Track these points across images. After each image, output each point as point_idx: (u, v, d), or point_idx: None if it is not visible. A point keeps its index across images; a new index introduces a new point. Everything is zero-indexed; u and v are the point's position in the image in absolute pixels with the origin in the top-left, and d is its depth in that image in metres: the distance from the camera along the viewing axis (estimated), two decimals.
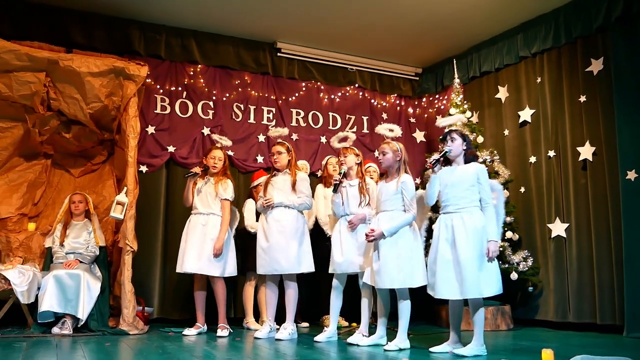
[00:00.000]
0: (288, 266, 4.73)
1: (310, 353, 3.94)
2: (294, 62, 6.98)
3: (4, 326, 4.97)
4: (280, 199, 4.81)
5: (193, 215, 5.09)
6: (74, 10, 5.93)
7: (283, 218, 4.79)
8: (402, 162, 4.30)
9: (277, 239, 4.74)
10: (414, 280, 4.12)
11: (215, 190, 5.06)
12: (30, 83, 5.21)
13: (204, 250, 4.93)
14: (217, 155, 5.15)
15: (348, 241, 4.61)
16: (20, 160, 5.79)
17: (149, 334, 4.98)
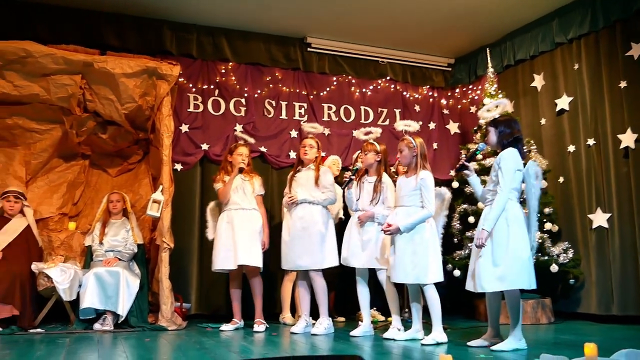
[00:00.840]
0: (311, 262, 4.76)
1: (346, 348, 3.93)
2: (325, 56, 6.95)
3: (48, 323, 5.10)
4: (303, 195, 4.85)
5: (234, 211, 5.11)
6: (108, 13, 6.04)
7: (306, 214, 4.82)
8: (420, 157, 4.26)
9: (299, 235, 4.79)
10: (427, 277, 4.10)
11: (252, 186, 5.15)
12: (66, 86, 5.33)
13: (253, 243, 5.01)
14: (244, 152, 5.26)
15: (355, 237, 4.64)
16: (60, 161, 5.93)
17: (187, 330, 5.04)
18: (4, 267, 4.84)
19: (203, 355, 3.59)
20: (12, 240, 5.14)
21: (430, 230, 4.19)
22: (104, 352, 3.75)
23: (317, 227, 4.80)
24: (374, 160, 4.71)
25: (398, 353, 3.69)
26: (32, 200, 5.62)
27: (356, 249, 4.62)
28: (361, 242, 4.60)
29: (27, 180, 5.74)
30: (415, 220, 4.13)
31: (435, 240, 4.23)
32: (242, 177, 5.20)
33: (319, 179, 4.86)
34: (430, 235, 4.18)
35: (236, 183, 5.18)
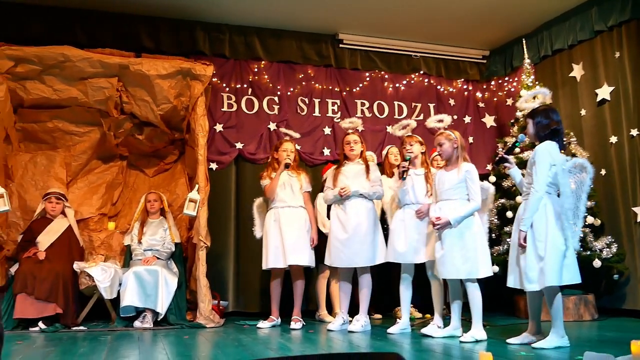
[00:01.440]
0: (367, 258, 4.70)
1: (384, 345, 3.90)
2: (357, 52, 6.92)
3: (90, 320, 5.22)
4: (356, 187, 4.77)
5: (281, 209, 5.09)
6: (142, 16, 6.13)
7: (361, 208, 4.75)
8: (461, 150, 4.20)
9: (356, 231, 4.69)
10: (479, 271, 4.04)
11: (300, 183, 5.13)
12: (103, 88, 5.44)
13: (302, 242, 5.00)
14: (289, 148, 5.22)
15: (413, 231, 4.53)
16: (98, 162, 6.05)
17: (224, 327, 5.09)
18: (47, 266, 4.97)
19: (241, 352, 3.61)
20: (54, 240, 5.27)
21: (478, 224, 4.13)
22: (145, 349, 3.80)
23: (371, 223, 4.75)
24: (419, 152, 4.66)
25: (437, 350, 3.64)
26: (73, 201, 5.75)
27: (417, 243, 4.49)
28: (422, 236, 4.49)
29: (68, 182, 5.88)
30: (465, 213, 4.06)
31: (483, 235, 4.16)
32: (289, 174, 5.17)
33: (370, 172, 4.81)
34: (479, 229, 4.11)
35: (283, 180, 5.15)
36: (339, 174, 4.88)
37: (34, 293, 4.79)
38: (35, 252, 5.13)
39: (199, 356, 3.51)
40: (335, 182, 4.85)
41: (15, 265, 5.16)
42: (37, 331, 4.74)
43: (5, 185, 5.24)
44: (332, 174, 4.95)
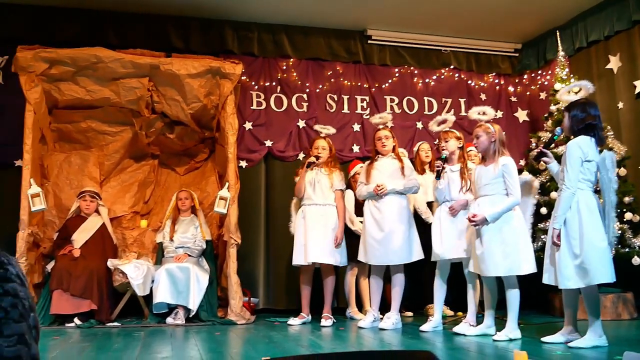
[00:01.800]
0: (403, 256, 4.66)
1: (416, 343, 3.87)
2: (385, 48, 6.88)
3: (124, 317, 5.30)
4: (392, 185, 4.72)
5: (308, 207, 5.08)
6: (172, 16, 6.20)
7: (396, 206, 4.70)
8: (499, 144, 4.10)
9: (392, 228, 4.66)
10: (521, 268, 3.93)
11: (330, 181, 5.07)
12: (135, 88, 5.52)
13: (326, 240, 4.96)
14: (320, 145, 5.17)
15: (448, 228, 4.47)
16: (131, 161, 6.14)
17: (255, 324, 5.12)
18: (82, 263, 5.06)
19: (272, 348, 3.62)
20: (89, 238, 5.36)
21: (519, 219, 4.02)
22: (177, 345, 3.85)
23: (406, 219, 4.72)
24: (456, 147, 4.59)
25: (470, 349, 3.60)
26: (106, 199, 5.85)
27: (453, 240, 4.43)
28: (457, 232, 4.43)
29: (101, 181, 5.98)
30: (502, 209, 3.95)
31: (524, 229, 4.05)
32: (322, 171, 5.13)
33: (405, 167, 4.77)
34: (519, 223, 4.01)
35: (311, 177, 5.11)
36: (371, 170, 4.83)
37: (70, 289, 4.89)
38: (71, 250, 5.23)
39: (230, 353, 3.53)
40: (369, 178, 4.81)
41: (52, 262, 5.27)
42: (73, 327, 4.84)
43: (41, 185, 5.35)
44: (365, 169, 4.91)
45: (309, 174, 5.11)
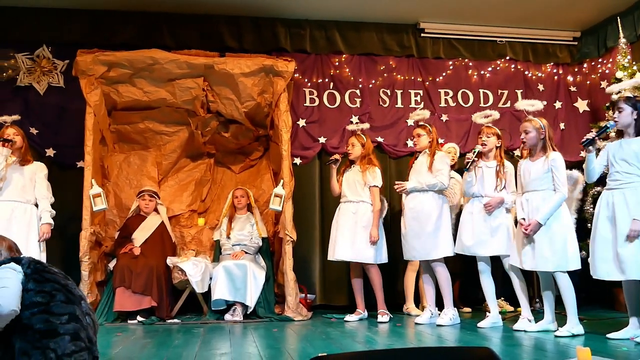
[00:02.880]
0: (424, 252, 4.71)
1: (474, 339, 3.80)
2: (439, 41, 6.76)
3: (183, 313, 5.41)
4: (412, 184, 4.78)
5: (343, 204, 5.13)
6: (225, 16, 6.29)
7: (417, 203, 4.76)
8: (547, 139, 4.05)
9: (411, 225, 4.75)
10: (569, 264, 3.88)
11: (364, 179, 5.06)
12: (190, 89, 5.62)
13: (356, 237, 4.96)
14: (350, 142, 5.19)
15: (480, 223, 4.44)
16: (187, 161, 6.26)
17: (312, 320, 5.13)
18: (142, 261, 5.19)
19: (329, 345, 3.62)
20: (148, 236, 5.50)
21: (567, 215, 3.97)
22: (236, 341, 3.89)
23: (427, 216, 4.71)
24: (494, 145, 4.55)
25: (530, 345, 3.50)
26: (165, 198, 5.98)
27: (484, 236, 4.43)
28: (490, 229, 4.42)
29: (159, 180, 6.12)
30: (552, 207, 3.92)
31: (572, 226, 4.00)
32: (356, 168, 5.13)
33: (433, 163, 4.75)
34: (567, 219, 3.96)
35: (349, 174, 5.14)
36: (411, 167, 4.94)
37: (131, 287, 5.02)
38: (131, 248, 5.37)
39: (287, 349, 3.55)
40: (408, 175, 4.92)
41: (113, 260, 5.43)
42: (135, 323, 4.97)
43: (102, 185, 5.53)
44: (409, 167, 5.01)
45: (348, 172, 5.15)
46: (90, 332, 2.37)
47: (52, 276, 2.33)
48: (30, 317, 2.17)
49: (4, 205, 4.62)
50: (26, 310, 2.18)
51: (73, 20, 6.07)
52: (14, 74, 5.97)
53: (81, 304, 2.37)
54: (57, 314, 2.22)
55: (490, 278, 4.51)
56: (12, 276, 2.23)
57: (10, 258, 2.33)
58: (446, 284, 4.71)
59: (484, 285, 4.52)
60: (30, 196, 4.78)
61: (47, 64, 6.07)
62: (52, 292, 2.27)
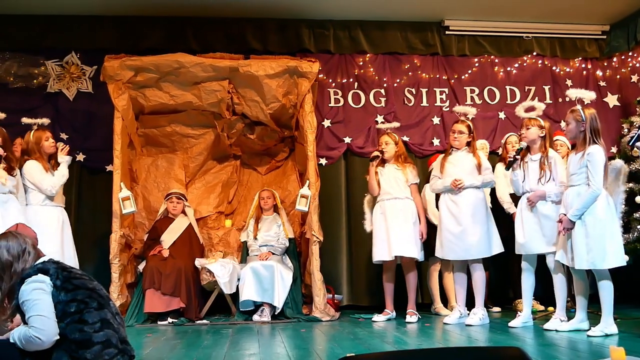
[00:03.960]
0: (482, 250, 4.60)
1: (504, 339, 3.75)
2: (464, 38, 6.71)
3: (212, 314, 5.46)
4: (469, 180, 4.65)
5: (387, 201, 5.03)
6: (249, 18, 6.33)
7: (473, 199, 4.64)
8: (589, 132, 3.86)
9: (469, 222, 4.60)
10: (605, 261, 3.72)
11: (405, 176, 5.03)
12: (215, 91, 5.67)
13: (408, 234, 4.92)
14: (383, 140, 5.15)
15: (529, 220, 4.30)
16: (214, 163, 6.32)
17: (340, 321, 5.13)
18: (171, 263, 5.25)
19: (357, 345, 3.61)
20: (177, 238, 5.55)
21: (605, 209, 3.80)
22: (264, 342, 3.91)
23: (483, 214, 4.64)
24: (537, 136, 4.37)
25: (562, 345, 3.44)
26: (192, 200, 6.04)
27: (535, 233, 4.27)
28: (540, 225, 4.26)
29: (187, 182, 6.19)
30: (582, 204, 3.77)
31: (612, 220, 3.82)
32: (396, 167, 5.09)
33: (480, 161, 4.68)
34: (605, 214, 3.79)
35: (386, 173, 5.09)
36: (445, 163, 4.78)
37: (161, 288, 5.08)
38: (160, 250, 5.43)
39: (316, 349, 3.55)
40: (443, 171, 4.76)
41: (143, 262, 5.50)
42: (165, 324, 5.03)
43: (131, 188, 5.60)
44: (440, 162, 4.86)
45: (384, 171, 5.09)
46: (123, 332, 2.42)
47: (80, 282, 2.36)
48: (65, 327, 2.23)
49: (56, 211, 4.75)
50: (61, 322, 2.23)
51: (101, 26, 6.18)
52: (44, 80, 6.11)
53: (110, 305, 2.42)
54: (90, 323, 2.26)
55: (532, 277, 4.38)
56: (45, 297, 2.25)
57: (37, 268, 2.34)
58: (482, 284, 4.64)
59: (523, 284, 4.39)
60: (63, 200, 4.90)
61: (76, 70, 6.19)
62: (84, 299, 2.31)
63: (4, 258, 2.36)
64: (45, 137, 4.80)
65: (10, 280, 2.33)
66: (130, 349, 2.43)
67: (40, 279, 2.28)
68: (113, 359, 2.28)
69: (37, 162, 4.69)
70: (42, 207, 4.67)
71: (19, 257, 2.38)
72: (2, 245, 2.39)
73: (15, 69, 6.06)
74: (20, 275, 2.33)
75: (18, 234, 2.48)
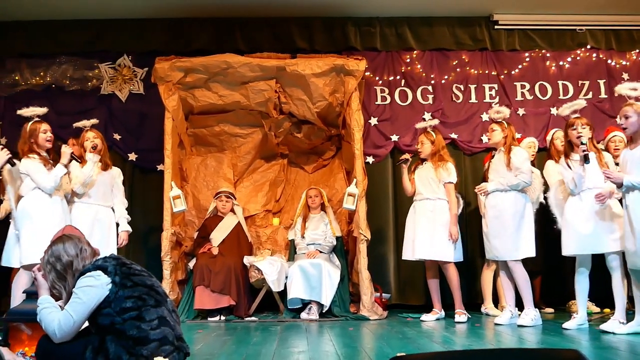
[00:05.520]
0: (505, 253, 4.56)
1: (559, 341, 3.65)
2: (514, 32, 6.55)
3: (261, 312, 5.51)
4: (494, 185, 4.65)
5: (418, 202, 5.04)
6: (295, 17, 6.37)
7: (498, 203, 4.62)
8: None
9: (493, 224, 4.63)
10: None
11: (437, 176, 4.96)
12: (263, 91, 5.72)
13: (435, 236, 4.87)
14: (419, 140, 5.11)
15: (591, 218, 4.14)
16: (262, 162, 6.38)
17: (388, 320, 5.10)
18: (220, 261, 5.33)
19: (406, 345, 3.58)
20: (225, 236, 5.63)
21: None
22: (312, 339, 3.92)
23: (510, 216, 4.55)
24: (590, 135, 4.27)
25: (620, 348, 3.33)
26: (240, 199, 6.12)
27: (596, 232, 4.10)
28: (603, 224, 4.10)
29: (235, 181, 6.27)
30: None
31: None
32: (431, 165, 5.03)
33: (511, 161, 4.59)
34: None
35: (422, 172, 5.05)
36: (490, 164, 4.81)
37: (210, 286, 5.16)
38: (210, 248, 5.52)
39: (364, 348, 3.54)
40: (487, 175, 4.82)
41: (193, 260, 5.60)
42: (215, 321, 5.11)
43: (181, 187, 5.72)
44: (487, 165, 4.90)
45: (421, 170, 5.06)
46: (179, 330, 2.47)
47: (139, 279, 2.42)
48: (123, 323, 2.29)
49: (89, 208, 4.68)
50: (118, 316, 2.29)
51: (151, 29, 6.33)
52: (97, 83, 6.31)
53: (167, 302, 2.47)
54: (147, 320, 2.32)
55: (587, 278, 4.25)
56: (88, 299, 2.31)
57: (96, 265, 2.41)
58: (525, 284, 4.54)
59: (578, 285, 4.27)
60: (110, 201, 4.83)
61: (128, 73, 6.35)
62: (142, 296, 2.36)
63: (64, 259, 2.45)
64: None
65: (74, 278, 2.41)
66: (185, 346, 2.48)
67: (95, 274, 2.35)
68: (169, 356, 2.33)
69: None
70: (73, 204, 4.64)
71: (77, 255, 2.46)
72: (59, 249, 2.48)
73: (71, 73, 6.28)
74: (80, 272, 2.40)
75: (71, 236, 2.56)
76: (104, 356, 2.27)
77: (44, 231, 4.06)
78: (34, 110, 4.53)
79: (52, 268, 2.45)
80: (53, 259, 2.45)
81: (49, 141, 4.46)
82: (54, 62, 6.28)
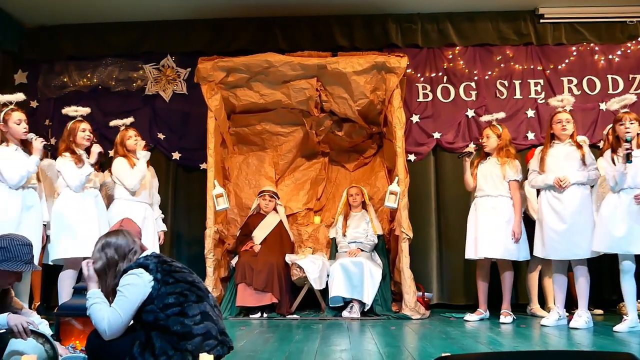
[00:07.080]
0: (588, 250, 4.31)
1: (610, 344, 3.53)
2: (560, 26, 6.38)
3: (302, 310, 5.52)
4: (574, 177, 4.39)
5: (479, 199, 4.91)
6: (336, 15, 6.36)
7: (578, 196, 4.38)
8: None
9: (575, 220, 4.34)
10: None
11: (502, 172, 4.82)
12: (304, 89, 5.73)
13: (498, 234, 4.75)
14: (485, 133, 4.98)
15: (632, 217, 4.01)
16: (303, 160, 6.39)
17: (430, 319, 5.04)
18: (262, 259, 5.36)
19: (449, 345, 3.53)
20: (268, 234, 5.66)
21: None
22: (354, 338, 3.91)
23: (588, 211, 4.39)
24: (636, 132, 4.12)
25: None
26: (282, 197, 6.13)
27: (636, 232, 4.00)
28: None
29: (277, 180, 6.30)
30: None
31: None
32: (496, 161, 4.89)
33: (585, 156, 4.43)
34: None
35: (485, 167, 4.92)
36: (546, 157, 4.55)
37: (252, 284, 5.19)
38: (252, 246, 5.56)
39: (407, 347, 3.50)
40: (543, 166, 4.53)
41: (235, 257, 5.65)
42: (257, 318, 5.14)
43: (223, 185, 5.78)
44: (539, 156, 4.62)
45: (484, 165, 4.93)
46: (222, 324, 2.49)
47: (180, 275, 2.45)
48: (166, 319, 2.32)
49: (139, 205, 4.74)
50: (161, 312, 2.33)
51: (194, 30, 6.42)
52: (142, 84, 6.45)
53: (209, 297, 2.49)
54: (190, 316, 2.35)
55: (633, 279, 4.11)
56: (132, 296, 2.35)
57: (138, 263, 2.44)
58: (586, 285, 4.38)
59: (624, 286, 4.14)
60: (151, 198, 4.92)
61: (172, 73, 6.46)
62: (184, 292, 2.40)
63: (109, 255, 2.48)
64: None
65: (114, 278, 2.44)
66: (229, 340, 2.50)
67: (138, 272, 2.38)
68: (213, 350, 2.35)
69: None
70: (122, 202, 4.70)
71: (125, 256, 2.49)
72: (112, 243, 2.51)
73: (117, 74, 6.44)
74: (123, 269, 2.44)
75: (129, 234, 2.58)
76: (150, 352, 2.30)
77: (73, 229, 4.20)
78: (78, 110, 4.65)
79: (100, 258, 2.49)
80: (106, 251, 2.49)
81: (88, 139, 4.53)
82: (100, 64, 6.46)
